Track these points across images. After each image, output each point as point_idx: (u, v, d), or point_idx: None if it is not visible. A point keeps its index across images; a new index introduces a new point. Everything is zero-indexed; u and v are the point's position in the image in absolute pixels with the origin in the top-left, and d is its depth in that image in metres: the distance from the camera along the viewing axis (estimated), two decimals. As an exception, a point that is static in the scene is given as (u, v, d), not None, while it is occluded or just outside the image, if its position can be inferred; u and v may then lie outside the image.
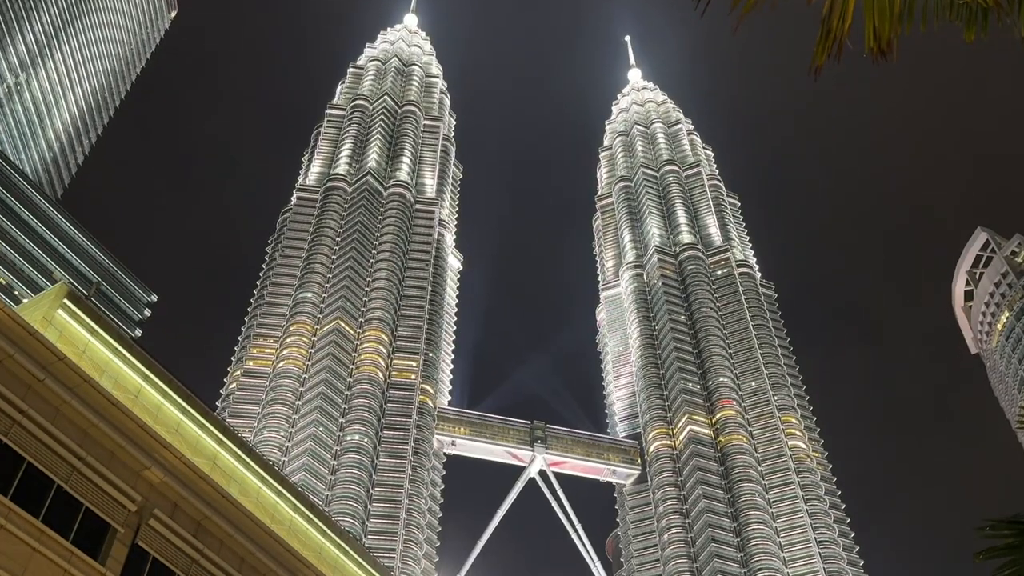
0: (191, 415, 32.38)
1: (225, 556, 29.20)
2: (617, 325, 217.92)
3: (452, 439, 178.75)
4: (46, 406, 25.33)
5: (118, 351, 29.59)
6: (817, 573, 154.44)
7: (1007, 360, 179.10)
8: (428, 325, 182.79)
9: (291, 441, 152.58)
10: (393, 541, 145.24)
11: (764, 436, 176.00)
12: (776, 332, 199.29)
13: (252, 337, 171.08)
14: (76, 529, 24.78)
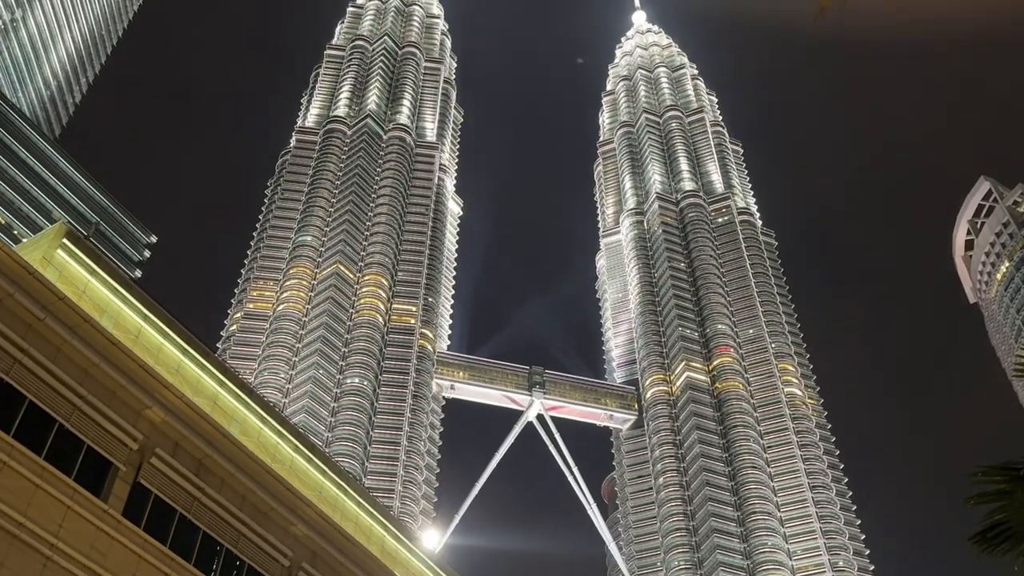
0: (192, 356, 32.53)
1: (226, 494, 29.60)
2: (616, 272, 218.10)
3: (451, 383, 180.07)
4: (47, 345, 25.43)
5: (118, 292, 29.62)
6: (810, 517, 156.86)
7: (1005, 310, 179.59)
8: (428, 270, 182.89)
9: (291, 383, 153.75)
10: (392, 482, 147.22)
11: (760, 383, 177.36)
12: (775, 280, 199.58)
13: (252, 280, 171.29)
14: (78, 467, 25.06)
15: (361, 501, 39.57)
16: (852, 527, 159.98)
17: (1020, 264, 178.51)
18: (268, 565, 30.48)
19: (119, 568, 24.53)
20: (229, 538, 29.37)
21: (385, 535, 40.26)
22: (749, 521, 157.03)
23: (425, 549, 44.98)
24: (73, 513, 24.05)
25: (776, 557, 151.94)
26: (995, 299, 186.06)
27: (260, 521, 30.60)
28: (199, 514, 28.46)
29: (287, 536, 31.64)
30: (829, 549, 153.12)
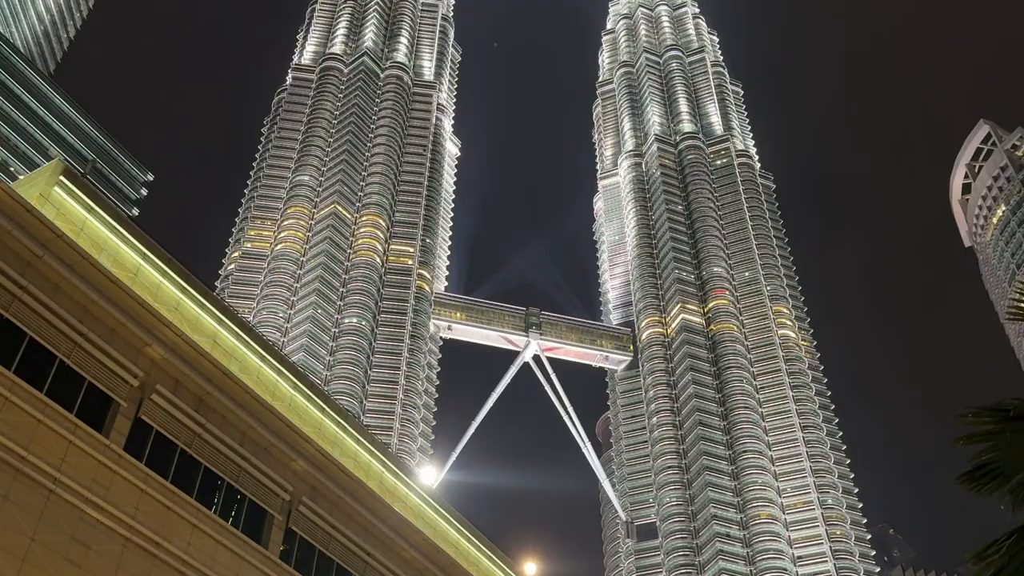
0: (190, 294, 32.54)
1: (227, 430, 29.90)
2: (614, 214, 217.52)
3: (448, 324, 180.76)
4: (46, 283, 25.41)
5: (116, 229, 29.50)
6: (800, 457, 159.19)
7: (1000, 254, 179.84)
8: (425, 211, 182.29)
9: (290, 323, 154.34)
10: (390, 420, 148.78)
11: (755, 325, 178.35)
12: (772, 223, 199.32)
13: (249, 219, 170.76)
14: (79, 402, 25.25)
15: (360, 438, 39.99)
16: (842, 466, 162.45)
17: (1016, 208, 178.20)
18: (269, 499, 30.94)
19: (121, 501, 24.88)
20: (230, 473, 29.76)
21: (384, 471, 40.79)
22: (740, 460, 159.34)
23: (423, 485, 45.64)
24: (75, 448, 24.30)
25: (766, 494, 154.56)
26: (990, 243, 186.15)
27: (260, 457, 30.98)
28: (200, 449, 28.79)
29: (287, 471, 32.06)
30: (818, 487, 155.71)
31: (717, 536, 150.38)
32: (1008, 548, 11.16)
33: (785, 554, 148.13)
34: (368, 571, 34.71)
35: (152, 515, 25.73)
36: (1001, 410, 11.14)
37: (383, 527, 35.75)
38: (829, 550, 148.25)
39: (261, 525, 30.39)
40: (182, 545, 26.30)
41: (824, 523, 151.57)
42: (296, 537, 31.79)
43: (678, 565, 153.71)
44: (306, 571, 31.33)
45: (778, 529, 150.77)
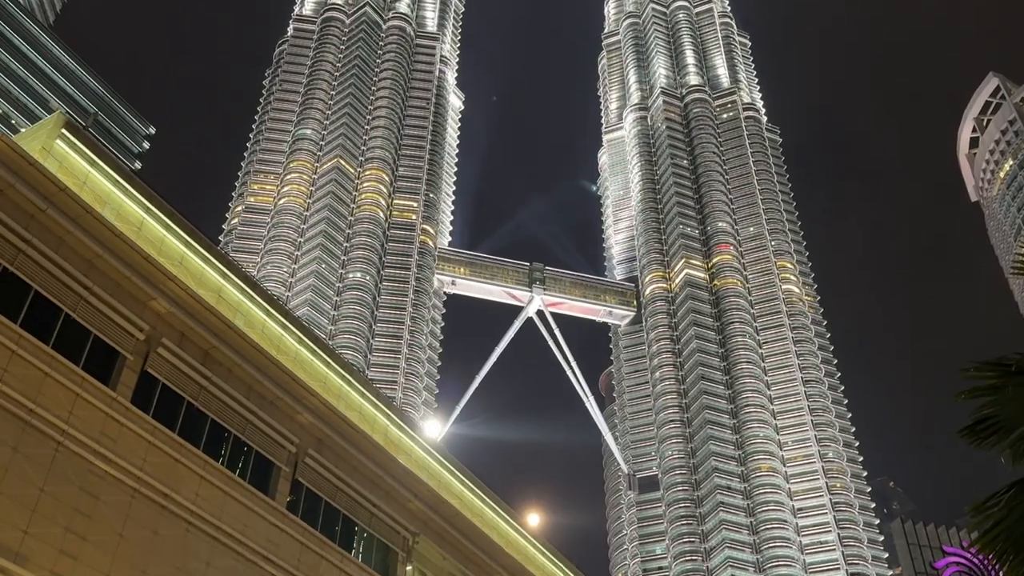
0: (195, 248, 32.52)
1: (233, 384, 30.10)
2: (619, 168, 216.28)
3: (452, 279, 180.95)
4: (50, 236, 25.41)
5: (119, 183, 29.40)
6: (802, 411, 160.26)
7: (1006, 208, 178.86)
8: (429, 165, 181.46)
9: (294, 277, 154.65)
10: (395, 374, 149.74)
11: (759, 280, 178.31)
12: (778, 177, 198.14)
13: (252, 173, 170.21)
14: (85, 356, 25.40)
15: (364, 392, 40.27)
16: (843, 420, 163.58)
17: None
18: (275, 451, 31.26)
19: (129, 453, 25.15)
20: (236, 425, 30.04)
21: (388, 424, 41.13)
22: (742, 414, 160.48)
23: (427, 438, 46.06)
24: (82, 400, 24.50)
25: (767, 448, 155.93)
26: (997, 197, 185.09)
27: (266, 409, 31.23)
28: (206, 402, 29.02)
29: (293, 424, 32.34)
30: (819, 441, 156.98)
31: (718, 488, 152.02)
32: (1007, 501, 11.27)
33: (785, 506, 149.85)
34: (374, 522, 35.18)
35: (160, 467, 26.04)
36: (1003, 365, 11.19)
37: (388, 479, 36.15)
38: (829, 502, 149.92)
39: (268, 477, 30.75)
40: (190, 496, 26.65)
41: (824, 476, 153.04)
42: (303, 488, 32.18)
43: (679, 516, 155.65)
44: (313, 521, 31.76)
45: (779, 481, 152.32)
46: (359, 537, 34.62)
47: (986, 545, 11.27)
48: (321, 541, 31.36)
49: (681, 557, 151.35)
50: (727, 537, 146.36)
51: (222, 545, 27.12)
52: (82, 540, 23.03)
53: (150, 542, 24.90)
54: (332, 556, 31.61)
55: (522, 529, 50.29)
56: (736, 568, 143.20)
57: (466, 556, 39.80)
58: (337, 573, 31.49)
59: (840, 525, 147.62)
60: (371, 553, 34.81)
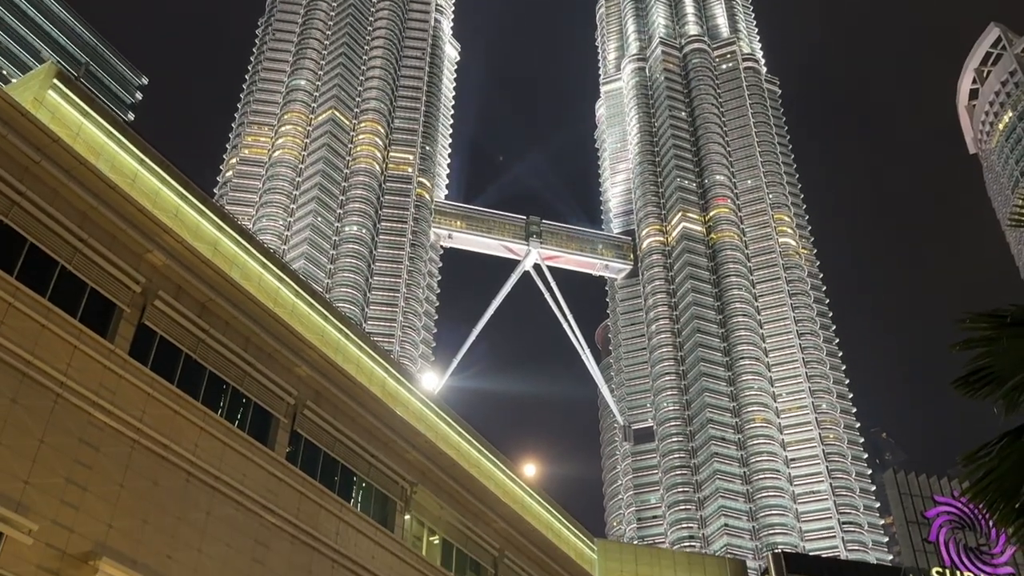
0: (190, 201, 32.36)
1: (230, 336, 30.17)
2: (616, 120, 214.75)
3: (449, 232, 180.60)
4: (44, 188, 25.24)
5: (112, 134, 29.13)
6: (796, 363, 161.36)
7: (1004, 160, 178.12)
8: (424, 117, 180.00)
9: (290, 230, 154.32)
10: (392, 327, 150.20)
11: (756, 234, 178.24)
12: (777, 129, 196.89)
13: (246, 125, 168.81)
14: (83, 308, 25.40)
15: (362, 344, 40.42)
16: (837, 372, 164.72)
17: (1023, 115, 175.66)
18: (274, 403, 31.46)
19: (128, 405, 25.29)
20: (235, 377, 30.17)
21: (386, 377, 41.36)
22: (737, 366, 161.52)
23: (424, 390, 46.36)
24: (80, 353, 24.56)
25: (761, 399, 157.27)
26: (995, 150, 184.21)
27: (264, 362, 31.35)
28: (204, 355, 29.11)
29: (291, 376, 32.50)
30: (813, 392, 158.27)
31: (712, 439, 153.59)
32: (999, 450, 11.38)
33: (779, 456, 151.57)
34: (372, 472, 35.55)
35: (159, 418, 26.20)
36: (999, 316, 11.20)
37: (386, 430, 36.45)
38: (822, 453, 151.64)
39: (267, 428, 30.99)
40: (190, 447, 26.87)
41: (818, 427, 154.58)
42: (302, 440, 32.45)
43: (673, 467, 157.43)
44: (312, 472, 32.08)
45: (772, 433, 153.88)
46: (358, 487, 35.01)
47: (977, 494, 11.40)
48: (320, 491, 31.71)
49: (675, 506, 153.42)
50: (721, 487, 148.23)
51: (222, 495, 27.42)
52: (83, 490, 23.26)
53: (150, 492, 25.16)
54: (331, 505, 31.99)
55: (519, 479, 50.86)
56: (729, 517, 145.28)
57: (463, 505, 40.31)
58: (336, 522, 31.89)
59: (832, 475, 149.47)
60: (370, 503, 35.23)
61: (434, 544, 38.81)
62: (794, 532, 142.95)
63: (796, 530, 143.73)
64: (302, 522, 30.19)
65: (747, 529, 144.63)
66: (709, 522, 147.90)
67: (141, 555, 24.01)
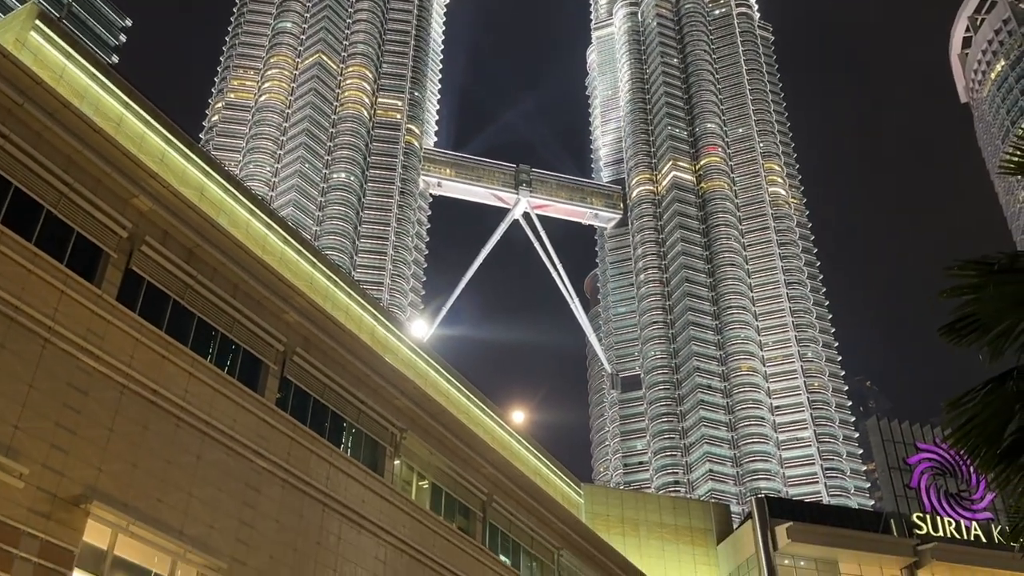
0: (176, 146, 32.04)
1: (219, 283, 30.06)
2: (608, 67, 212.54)
3: (438, 180, 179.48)
4: (28, 131, 24.87)
5: (96, 77, 28.66)
6: (783, 312, 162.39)
7: (996, 110, 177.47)
8: (413, 62, 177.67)
9: (277, 177, 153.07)
10: (381, 275, 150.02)
11: (746, 183, 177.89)
12: (769, 77, 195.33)
13: (232, 68, 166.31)
14: (69, 253, 25.23)
15: (351, 292, 40.46)
16: (823, 321, 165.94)
17: (1016, 63, 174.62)
18: (263, 350, 31.51)
19: (117, 351, 25.26)
20: (224, 324, 30.15)
21: (375, 324, 41.47)
22: (724, 315, 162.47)
23: (413, 338, 46.52)
24: (67, 298, 24.44)
25: (747, 348, 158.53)
26: (987, 98, 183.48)
27: (253, 309, 31.31)
28: (192, 301, 29.03)
29: (280, 323, 32.50)
30: (799, 341, 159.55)
31: (699, 387, 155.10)
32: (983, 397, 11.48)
33: (764, 404, 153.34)
34: (362, 418, 35.80)
35: (148, 363, 26.21)
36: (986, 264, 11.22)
37: (375, 377, 36.61)
38: (807, 401, 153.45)
39: (256, 374, 31.07)
40: (179, 392, 26.93)
41: (803, 375, 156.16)
42: (291, 386, 32.57)
43: (660, 414, 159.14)
44: (302, 418, 32.26)
45: (758, 381, 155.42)
46: (348, 432, 35.28)
47: (959, 440, 11.53)
48: (311, 436, 31.93)
49: (661, 453, 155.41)
50: (706, 434, 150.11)
51: (212, 440, 27.58)
52: (72, 434, 23.34)
53: (140, 436, 25.28)
54: (322, 451, 32.24)
55: (507, 426, 51.38)
56: (714, 463, 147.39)
57: (452, 451, 40.70)
58: (327, 467, 32.18)
59: (816, 423, 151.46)
60: (360, 448, 35.53)
61: (423, 488, 39.27)
62: (777, 478, 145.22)
63: (780, 476, 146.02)
64: (292, 467, 30.45)
65: (731, 475, 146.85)
66: (694, 468, 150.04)
67: (132, 498, 24.21)
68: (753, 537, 56.25)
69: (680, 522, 61.32)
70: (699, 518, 62.25)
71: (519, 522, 44.41)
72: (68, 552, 22.22)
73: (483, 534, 41.31)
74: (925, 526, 57.53)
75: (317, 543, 30.53)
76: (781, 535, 55.21)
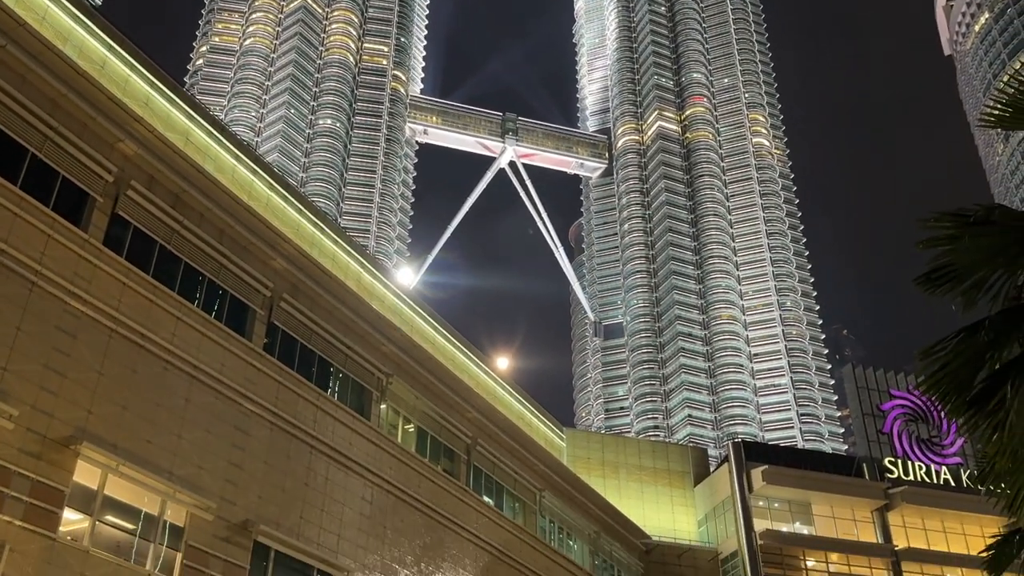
0: (160, 90, 31.56)
1: (205, 228, 29.89)
2: (595, 15, 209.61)
3: (424, 128, 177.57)
4: (11, 74, 24.40)
5: (79, 19, 28.08)
6: (763, 262, 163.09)
7: (978, 63, 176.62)
8: (399, 7, 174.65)
9: (263, 122, 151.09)
10: (367, 223, 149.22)
11: (730, 133, 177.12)
12: (756, 27, 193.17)
13: (216, 11, 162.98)
14: (55, 197, 24.99)
15: (337, 239, 40.34)
16: (803, 271, 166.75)
17: (999, 16, 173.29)
18: (250, 295, 31.48)
19: (104, 295, 25.19)
20: (210, 269, 30.05)
21: (361, 271, 41.44)
22: (706, 264, 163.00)
23: (399, 285, 46.54)
24: (54, 242, 24.28)
25: (728, 297, 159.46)
26: (970, 51, 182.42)
27: (240, 254, 31.21)
28: (179, 246, 28.89)
29: (267, 269, 32.43)
30: (778, 291, 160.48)
31: (680, 335, 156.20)
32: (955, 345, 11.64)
33: (742, 352, 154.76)
34: (348, 363, 35.97)
35: (136, 307, 26.16)
36: (962, 215, 11.30)
37: (362, 323, 36.72)
38: (784, 348, 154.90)
39: (243, 319, 31.09)
40: (167, 336, 26.95)
41: (781, 323, 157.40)
42: (278, 331, 32.64)
43: (641, 361, 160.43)
44: (289, 362, 32.39)
45: (737, 329, 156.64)
46: (335, 377, 35.48)
47: (931, 387, 11.71)
48: (298, 380, 32.10)
49: (642, 399, 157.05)
50: (686, 380, 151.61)
51: (200, 383, 27.69)
52: (62, 377, 23.38)
53: (129, 379, 25.35)
54: (309, 395, 32.45)
55: (491, 372, 51.76)
56: (693, 409, 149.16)
57: (438, 396, 41.03)
58: (314, 411, 32.41)
59: (793, 370, 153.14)
60: (347, 392, 35.78)
61: (409, 432, 39.66)
62: (754, 423, 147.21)
63: (756, 421, 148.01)
64: (280, 410, 30.66)
65: (709, 420, 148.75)
66: (673, 413, 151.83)
67: (121, 440, 24.35)
68: (729, 480, 57.21)
69: (659, 465, 62.23)
70: (677, 461, 63.18)
71: (503, 465, 45.01)
72: (59, 492, 22.41)
73: (467, 476, 41.87)
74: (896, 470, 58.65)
75: (305, 484, 30.89)
76: (756, 478, 56.16)
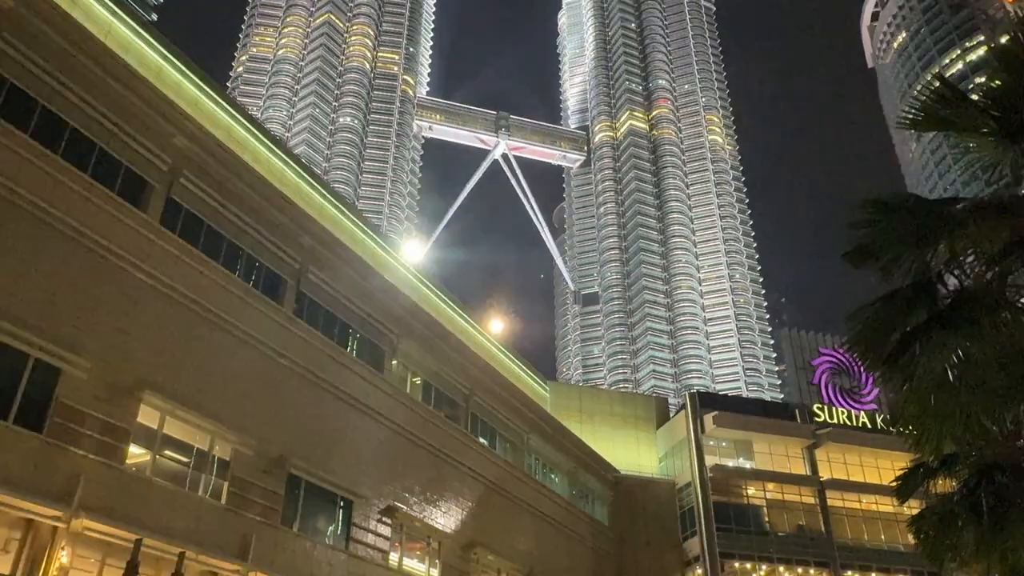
0: (207, 93, 31.43)
1: (244, 210, 29.91)
2: (576, 29, 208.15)
3: (429, 124, 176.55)
4: (82, 80, 24.33)
5: (139, 32, 27.90)
6: (717, 241, 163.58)
7: (896, 74, 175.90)
8: (409, 22, 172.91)
9: (292, 120, 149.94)
10: (380, 206, 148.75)
11: (690, 131, 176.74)
12: (711, 40, 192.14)
13: (254, 27, 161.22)
14: (119, 184, 25.01)
15: (355, 220, 40.36)
16: (750, 248, 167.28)
17: (915, 35, 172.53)
18: (282, 267, 31.58)
19: (161, 266, 25.31)
20: (249, 245, 30.13)
21: (375, 247, 41.51)
22: (669, 243, 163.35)
23: (408, 259, 46.62)
24: (119, 222, 24.35)
25: (687, 270, 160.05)
26: (889, 65, 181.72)
27: (272, 232, 31.26)
28: (222, 225, 28.95)
29: (296, 245, 32.50)
30: (729, 265, 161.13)
31: (646, 303, 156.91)
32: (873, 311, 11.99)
33: (699, 317, 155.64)
34: (366, 326, 36.17)
35: (187, 277, 26.30)
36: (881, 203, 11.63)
37: (376, 292, 36.86)
38: (733, 314, 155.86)
39: (277, 288, 31.23)
40: (215, 302, 27.09)
41: (731, 293, 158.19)
42: (306, 299, 32.77)
43: (614, 325, 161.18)
44: (316, 325, 32.55)
45: (695, 297, 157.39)
46: (353, 338, 35.66)
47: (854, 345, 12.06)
48: (323, 340, 32.30)
49: (614, 357, 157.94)
50: (651, 341, 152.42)
51: (242, 341, 27.91)
52: (126, 335, 23.59)
53: (183, 337, 25.59)
54: (332, 352, 32.67)
55: (486, 333, 52.01)
56: (656, 365, 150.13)
57: (441, 354, 41.29)
58: (337, 366, 32.65)
59: (740, 331, 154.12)
60: (364, 350, 35.98)
61: (417, 384, 39.95)
62: (707, 376, 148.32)
63: (709, 375, 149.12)
64: (309, 365, 30.90)
65: (670, 374, 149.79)
66: (640, 368, 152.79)
67: (177, 388, 24.59)
68: (686, 423, 57.81)
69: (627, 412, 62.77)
70: (643, 409, 63.76)
71: (496, 412, 45.41)
72: (125, 431, 22.67)
73: (466, 421, 42.26)
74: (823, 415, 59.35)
75: (330, 427, 31.20)
76: (708, 422, 56.74)
